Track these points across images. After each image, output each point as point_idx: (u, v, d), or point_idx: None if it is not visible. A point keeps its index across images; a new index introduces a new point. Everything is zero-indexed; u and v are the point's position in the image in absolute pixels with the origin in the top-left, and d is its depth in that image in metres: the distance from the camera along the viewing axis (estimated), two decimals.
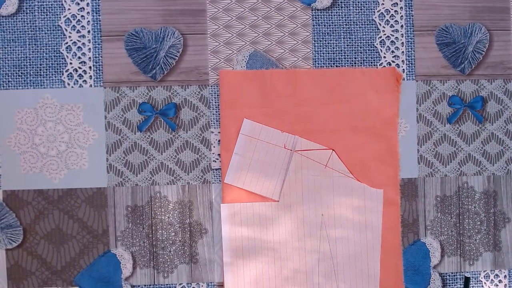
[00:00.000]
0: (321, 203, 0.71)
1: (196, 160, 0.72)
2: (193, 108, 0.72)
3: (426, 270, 0.73)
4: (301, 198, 0.71)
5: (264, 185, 0.71)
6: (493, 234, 0.75)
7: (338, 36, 0.74)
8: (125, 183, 0.71)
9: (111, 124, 0.72)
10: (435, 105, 0.74)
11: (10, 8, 0.71)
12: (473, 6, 0.75)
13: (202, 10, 0.72)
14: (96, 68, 0.72)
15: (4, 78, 0.71)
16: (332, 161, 0.72)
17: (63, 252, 0.71)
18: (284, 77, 0.72)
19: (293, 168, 0.71)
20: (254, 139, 0.71)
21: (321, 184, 0.71)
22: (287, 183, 0.71)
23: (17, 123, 0.71)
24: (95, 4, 0.71)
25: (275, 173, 0.71)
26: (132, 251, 0.71)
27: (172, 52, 0.72)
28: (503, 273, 0.75)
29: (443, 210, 0.74)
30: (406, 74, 0.74)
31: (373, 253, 0.72)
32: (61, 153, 0.71)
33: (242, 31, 0.73)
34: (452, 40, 0.74)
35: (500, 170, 0.75)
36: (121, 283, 0.71)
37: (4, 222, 0.71)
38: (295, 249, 0.71)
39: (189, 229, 0.72)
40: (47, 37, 0.71)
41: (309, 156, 0.71)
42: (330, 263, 0.71)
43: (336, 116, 0.72)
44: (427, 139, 0.74)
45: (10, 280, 0.71)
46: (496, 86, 0.75)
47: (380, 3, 0.74)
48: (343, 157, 0.72)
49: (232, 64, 0.73)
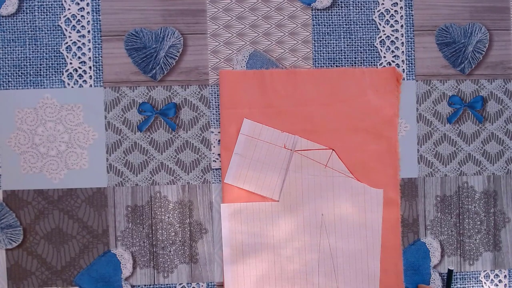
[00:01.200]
0: (321, 203, 0.71)
1: (196, 160, 0.72)
2: (193, 108, 0.72)
3: (426, 270, 0.73)
4: (301, 198, 0.71)
5: (264, 185, 0.71)
6: (493, 234, 0.75)
7: (338, 36, 0.74)
8: (125, 183, 0.71)
9: (111, 124, 0.72)
10: (435, 105, 0.74)
11: (10, 8, 0.71)
12: (473, 6, 0.75)
13: (202, 10, 0.72)
14: (96, 68, 0.72)
15: (4, 78, 0.71)
16: (332, 161, 0.72)
17: (63, 252, 0.71)
18: (284, 77, 0.72)
19: (293, 168, 0.71)
20: (254, 139, 0.71)
21: (321, 184, 0.72)
22: (287, 183, 0.71)
23: (17, 123, 0.71)
24: (95, 4, 0.72)
25: (275, 173, 0.71)
26: (132, 251, 0.71)
27: (172, 52, 0.72)
28: (503, 273, 0.75)
29: (443, 210, 0.74)
30: (406, 74, 0.74)
31: (373, 253, 0.72)
32: (61, 153, 0.71)
33: (242, 31, 0.73)
34: (452, 40, 0.74)
35: (500, 170, 0.75)
36: (121, 283, 0.71)
37: (4, 222, 0.71)
38: (295, 249, 0.71)
39: (189, 229, 0.72)
40: (47, 37, 0.71)
41: (309, 156, 0.71)
42: (330, 263, 0.71)
43: (336, 116, 0.72)
44: (427, 139, 0.74)
45: (10, 280, 0.71)
46: (496, 86, 0.75)
47: (380, 3, 0.74)
48: (343, 157, 0.72)
49: (232, 64, 0.73)
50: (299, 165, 0.71)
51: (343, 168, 0.72)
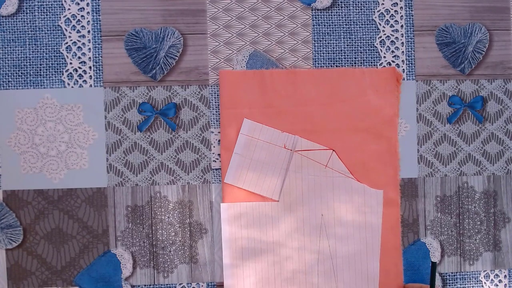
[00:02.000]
0: (321, 203, 0.71)
1: (196, 160, 0.72)
2: (193, 108, 0.72)
3: (426, 270, 0.73)
4: (301, 198, 0.71)
5: (264, 185, 0.71)
6: (493, 234, 0.75)
7: (338, 36, 0.74)
8: (125, 183, 0.71)
9: (111, 124, 0.72)
10: (435, 105, 0.74)
11: (10, 8, 0.71)
12: (473, 6, 0.75)
13: (202, 10, 0.72)
14: (96, 68, 0.72)
15: (4, 78, 0.71)
16: (332, 161, 0.72)
17: (63, 252, 0.71)
18: (284, 77, 0.72)
19: (293, 168, 0.71)
20: (254, 139, 0.71)
21: (321, 184, 0.71)
22: (287, 183, 0.71)
23: (17, 123, 0.71)
24: (95, 4, 0.72)
25: (275, 173, 0.71)
26: (132, 251, 0.71)
27: (172, 52, 0.72)
28: (503, 273, 0.75)
29: (443, 210, 0.74)
30: (406, 74, 0.74)
31: (373, 253, 0.72)
32: (61, 153, 0.71)
33: (242, 31, 0.73)
34: (452, 40, 0.74)
35: (500, 170, 0.75)
36: (121, 283, 0.71)
37: (4, 222, 0.71)
38: (294, 249, 0.71)
39: (189, 229, 0.72)
40: (47, 37, 0.71)
41: (309, 156, 0.71)
42: (329, 263, 0.71)
43: (336, 116, 0.72)
44: (427, 139, 0.74)
45: (10, 280, 0.71)
46: (496, 86, 0.75)
47: (380, 3, 0.74)
48: (343, 157, 0.72)
49: (232, 64, 0.73)
50: (299, 165, 0.71)
51: (343, 168, 0.72)
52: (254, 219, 0.71)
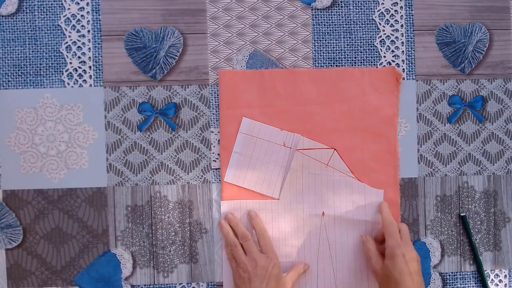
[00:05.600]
0: (321, 202, 0.71)
1: (196, 159, 0.72)
2: (193, 107, 0.72)
3: (426, 270, 0.73)
4: (301, 196, 0.71)
5: (264, 183, 0.71)
6: (493, 234, 0.75)
7: (338, 35, 0.74)
8: (125, 183, 0.71)
9: (111, 124, 0.72)
10: (435, 105, 0.74)
11: (10, 8, 0.71)
12: (473, 5, 0.75)
13: (202, 9, 0.72)
14: (96, 67, 0.72)
15: (4, 78, 0.71)
16: (333, 160, 0.72)
17: (63, 252, 0.71)
18: (284, 77, 0.72)
19: (294, 167, 0.71)
20: (253, 137, 0.71)
21: (321, 183, 0.71)
22: (288, 182, 0.71)
23: (17, 123, 0.71)
24: (95, 3, 0.72)
25: (275, 171, 0.71)
26: (132, 251, 0.71)
27: (172, 51, 0.72)
28: (503, 273, 0.75)
29: (443, 210, 0.74)
30: (406, 73, 0.74)
31: None
32: (61, 153, 0.71)
33: (242, 31, 0.73)
34: (452, 39, 0.74)
35: (500, 170, 0.75)
36: (121, 283, 0.71)
37: (4, 222, 0.71)
38: (294, 247, 0.71)
39: (189, 229, 0.72)
40: (47, 37, 0.71)
41: (310, 155, 0.71)
42: (329, 262, 0.71)
43: (336, 116, 0.72)
44: (427, 138, 0.74)
45: (10, 280, 0.71)
46: (496, 85, 0.75)
47: (380, 3, 0.74)
48: (342, 156, 0.72)
49: (232, 63, 0.73)
50: (300, 164, 0.71)
51: (344, 167, 0.72)
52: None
